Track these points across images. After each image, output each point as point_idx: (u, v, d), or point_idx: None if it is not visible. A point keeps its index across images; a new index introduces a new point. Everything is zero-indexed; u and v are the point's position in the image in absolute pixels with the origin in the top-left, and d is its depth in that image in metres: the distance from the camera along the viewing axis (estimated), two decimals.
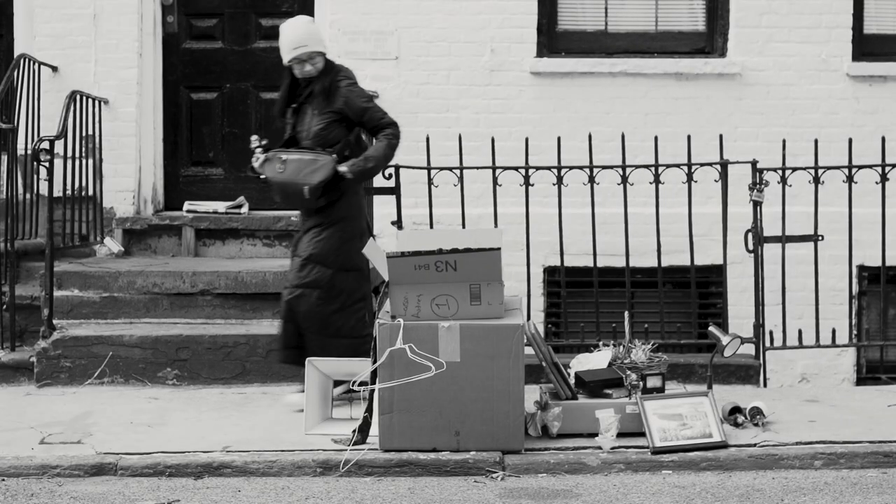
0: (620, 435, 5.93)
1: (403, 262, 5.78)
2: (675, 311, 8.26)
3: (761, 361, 7.46)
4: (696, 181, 7.62)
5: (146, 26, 8.61)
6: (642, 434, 5.92)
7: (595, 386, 6.14)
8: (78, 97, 8.01)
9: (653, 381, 6.13)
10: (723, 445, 5.88)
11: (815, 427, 6.23)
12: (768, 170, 7.45)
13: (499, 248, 5.83)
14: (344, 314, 6.62)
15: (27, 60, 8.13)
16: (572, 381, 6.21)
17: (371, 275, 7.16)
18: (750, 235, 7.43)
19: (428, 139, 7.75)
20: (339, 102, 6.61)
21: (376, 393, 5.80)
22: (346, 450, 5.77)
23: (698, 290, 8.17)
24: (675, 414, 5.96)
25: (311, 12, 8.66)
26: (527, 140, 7.68)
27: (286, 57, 6.68)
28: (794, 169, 7.52)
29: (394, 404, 5.77)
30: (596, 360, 6.41)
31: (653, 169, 7.58)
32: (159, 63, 8.72)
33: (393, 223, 7.48)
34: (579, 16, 8.68)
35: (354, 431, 5.88)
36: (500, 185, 7.62)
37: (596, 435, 5.94)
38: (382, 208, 7.84)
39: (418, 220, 8.03)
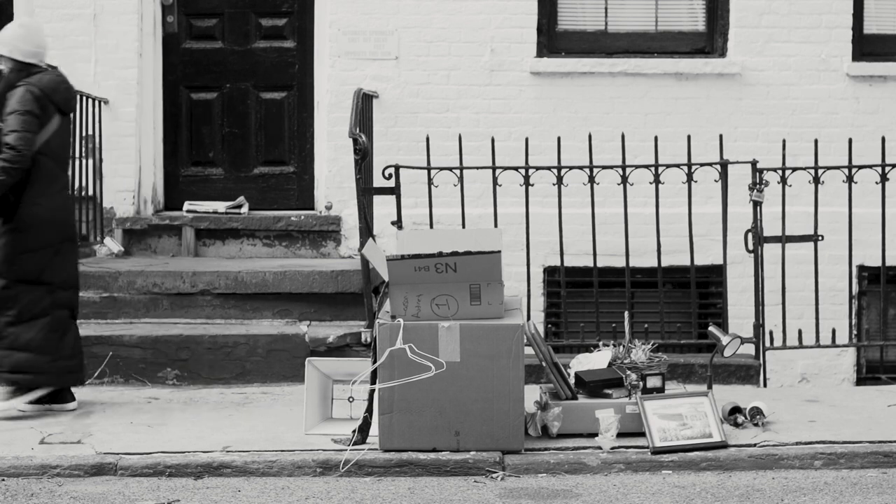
0: (620, 435, 5.93)
1: (403, 264, 5.77)
2: (675, 311, 8.26)
3: (761, 361, 7.47)
4: (696, 181, 7.62)
5: (146, 26, 8.61)
6: (642, 434, 5.92)
7: (595, 386, 6.14)
8: (78, 97, 7.99)
9: (653, 381, 6.13)
10: (723, 445, 5.88)
11: (815, 427, 6.23)
12: (768, 170, 7.45)
13: (499, 251, 5.82)
14: (20, 327, 6.39)
15: None
16: (572, 381, 6.21)
17: (371, 275, 7.17)
18: (750, 235, 7.43)
19: (428, 139, 7.75)
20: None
21: (376, 393, 5.80)
22: (345, 450, 5.77)
23: (698, 290, 8.17)
24: (675, 414, 5.96)
25: (311, 12, 8.68)
26: (527, 140, 7.68)
27: None
28: (794, 169, 7.52)
29: (394, 404, 5.77)
30: (596, 360, 6.41)
31: (653, 169, 7.58)
32: (159, 63, 8.72)
33: (393, 223, 7.48)
34: (579, 16, 8.69)
35: (354, 431, 5.88)
36: (500, 185, 7.62)
37: (596, 435, 5.94)
38: (382, 208, 7.84)
39: (418, 220, 8.03)
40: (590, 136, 7.66)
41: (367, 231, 7.15)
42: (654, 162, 7.58)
